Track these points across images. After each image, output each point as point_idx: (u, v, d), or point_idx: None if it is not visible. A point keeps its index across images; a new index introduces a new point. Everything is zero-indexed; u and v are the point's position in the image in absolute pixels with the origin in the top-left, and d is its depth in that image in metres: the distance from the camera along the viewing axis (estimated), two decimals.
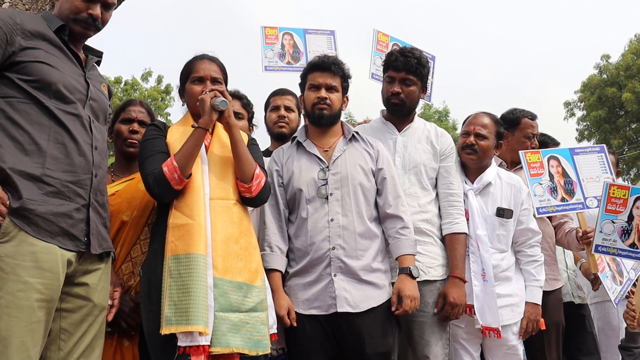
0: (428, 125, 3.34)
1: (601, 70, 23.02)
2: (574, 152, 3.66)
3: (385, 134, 3.25)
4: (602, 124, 22.41)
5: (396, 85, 3.17)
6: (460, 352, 3.13)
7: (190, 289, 2.30)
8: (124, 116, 3.01)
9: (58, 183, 2.10)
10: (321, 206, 2.87)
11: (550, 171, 3.56)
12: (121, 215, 2.73)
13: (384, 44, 4.26)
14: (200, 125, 2.52)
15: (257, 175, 2.61)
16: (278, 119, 3.67)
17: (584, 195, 3.55)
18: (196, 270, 2.33)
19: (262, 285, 2.54)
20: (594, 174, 3.61)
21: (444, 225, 3.15)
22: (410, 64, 3.14)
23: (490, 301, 3.09)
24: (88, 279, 2.23)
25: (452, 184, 3.19)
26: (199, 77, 2.69)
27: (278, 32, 4.36)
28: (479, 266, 3.13)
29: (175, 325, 2.28)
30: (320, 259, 2.82)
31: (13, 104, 2.10)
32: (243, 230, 2.55)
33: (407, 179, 3.13)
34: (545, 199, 3.49)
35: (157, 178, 2.42)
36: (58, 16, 2.31)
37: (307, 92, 3.02)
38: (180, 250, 2.37)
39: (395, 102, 3.19)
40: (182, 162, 2.43)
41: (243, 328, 2.40)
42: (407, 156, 3.17)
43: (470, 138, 3.32)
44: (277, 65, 4.27)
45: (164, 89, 22.74)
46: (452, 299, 2.97)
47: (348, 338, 2.77)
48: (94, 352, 2.24)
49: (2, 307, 1.94)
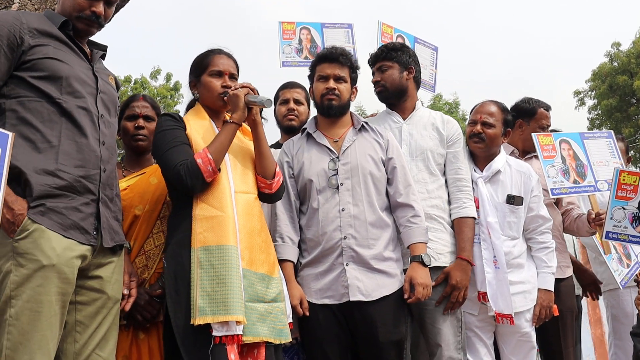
0: (434, 113, 3.36)
1: (612, 58, 22.80)
2: (584, 137, 3.69)
3: (390, 123, 3.27)
4: (613, 112, 22.22)
5: (375, 75, 3.32)
6: (473, 340, 3.12)
7: (225, 280, 2.33)
8: (128, 113, 3.01)
9: (70, 178, 2.13)
10: (332, 196, 2.89)
11: (562, 154, 3.58)
12: (133, 210, 2.75)
13: (388, 36, 4.26)
14: (234, 121, 2.56)
15: (278, 173, 2.70)
16: (287, 112, 3.69)
17: (594, 178, 3.57)
18: (230, 261, 2.36)
19: (279, 277, 2.60)
20: (603, 159, 3.64)
21: (452, 209, 3.15)
22: (380, 53, 3.32)
23: (502, 288, 3.09)
24: (102, 272, 2.25)
25: (460, 169, 3.20)
26: (218, 71, 2.69)
27: (295, 26, 4.37)
28: (491, 253, 3.13)
29: (211, 315, 2.29)
30: (332, 249, 2.84)
31: (24, 103, 2.13)
32: (262, 224, 2.61)
33: (414, 166, 3.14)
34: (559, 180, 3.51)
35: (190, 169, 2.42)
36: (61, 13, 2.33)
37: (316, 84, 3.04)
38: (210, 241, 2.39)
39: (379, 91, 3.32)
40: (216, 155, 2.46)
41: (268, 317, 2.45)
42: (413, 143, 3.19)
43: (477, 126, 3.32)
44: (294, 61, 4.28)
45: (173, 86, 22.77)
46: (454, 281, 2.97)
47: (361, 327, 2.79)
48: (108, 344, 2.27)
49: (23, 301, 1.97)
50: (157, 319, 2.70)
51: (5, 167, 1.86)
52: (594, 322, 5.68)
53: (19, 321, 1.96)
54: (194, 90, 2.79)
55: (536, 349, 3.26)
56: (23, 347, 1.96)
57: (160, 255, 2.75)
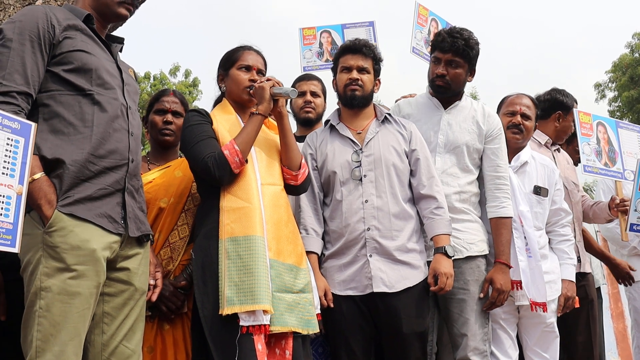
0: (475, 104, 3.25)
1: (632, 49, 22.49)
2: (619, 125, 3.78)
3: (430, 110, 3.20)
4: (634, 104, 21.86)
5: (442, 67, 3.09)
6: (499, 332, 3.11)
7: (252, 269, 2.36)
8: (157, 107, 3.05)
9: (99, 169, 2.14)
10: (355, 188, 2.89)
11: (598, 136, 3.64)
12: (158, 202, 2.78)
13: (424, 18, 4.25)
14: (260, 112, 2.58)
15: (304, 165, 2.71)
16: (304, 104, 3.71)
17: (623, 166, 3.59)
18: (256, 251, 2.39)
19: (307, 268, 2.63)
20: (633, 150, 3.69)
21: (490, 208, 3.09)
22: (457, 45, 3.03)
23: (536, 276, 3.09)
24: (129, 263, 2.27)
25: (499, 166, 3.11)
26: (246, 66, 2.73)
27: (316, 31, 4.42)
28: (523, 242, 3.13)
29: (238, 305, 2.32)
30: (355, 240, 2.84)
31: (55, 97, 2.13)
32: (289, 215, 2.64)
33: (448, 159, 3.09)
34: (592, 159, 3.57)
35: (218, 161, 2.46)
36: (92, 2, 2.34)
37: (340, 75, 3.03)
38: (237, 232, 2.42)
39: (439, 84, 3.12)
40: (243, 147, 2.49)
41: (296, 308, 2.47)
42: (450, 135, 3.11)
43: (517, 118, 3.34)
44: (315, 65, 4.33)
45: (192, 82, 22.88)
46: (499, 285, 2.93)
47: (384, 318, 2.79)
48: (135, 335, 2.28)
49: (54, 294, 1.98)
50: (182, 311, 2.73)
51: (28, 157, 1.89)
52: (616, 316, 5.66)
53: (49, 312, 1.97)
54: (222, 84, 2.83)
55: (559, 337, 3.26)
56: (54, 338, 1.97)
57: (184, 247, 2.79)
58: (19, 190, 1.85)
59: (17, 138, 1.87)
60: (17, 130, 1.88)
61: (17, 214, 1.83)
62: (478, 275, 2.99)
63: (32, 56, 2.09)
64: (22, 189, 1.85)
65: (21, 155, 1.87)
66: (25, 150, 1.89)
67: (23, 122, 1.91)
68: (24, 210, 1.86)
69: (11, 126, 1.86)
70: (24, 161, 1.87)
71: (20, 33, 2.09)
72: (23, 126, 1.90)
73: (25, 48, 2.08)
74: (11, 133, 1.86)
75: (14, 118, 1.89)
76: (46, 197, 2.02)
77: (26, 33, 2.10)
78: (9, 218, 1.81)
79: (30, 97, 2.09)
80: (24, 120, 1.92)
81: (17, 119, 1.89)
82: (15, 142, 1.86)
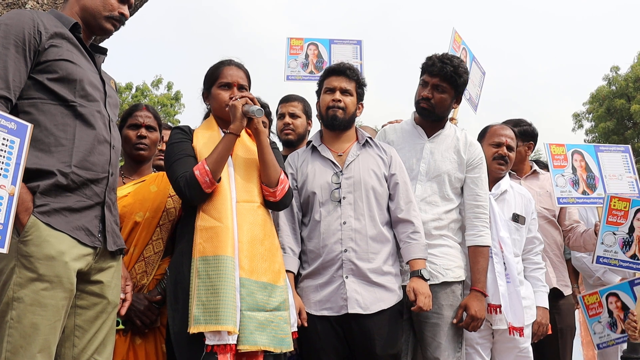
0: (459, 132, 3.26)
1: (610, 81, 22.97)
2: (599, 149, 3.76)
3: (413, 138, 3.24)
4: (610, 135, 22.30)
5: (428, 90, 3.13)
6: (474, 357, 3.14)
7: (219, 290, 2.36)
8: (131, 122, 3.02)
9: (80, 180, 2.12)
10: (334, 209, 2.90)
11: (574, 164, 3.66)
12: (134, 216, 2.77)
13: (457, 44, 4.28)
14: (232, 131, 2.58)
15: (282, 180, 2.68)
16: (284, 127, 3.83)
17: (605, 191, 3.60)
18: (224, 271, 2.39)
19: (284, 285, 2.60)
20: (616, 172, 3.69)
21: (468, 236, 3.13)
22: (445, 70, 3.08)
23: (514, 301, 3.13)
24: (102, 276, 2.24)
25: (479, 195, 3.14)
26: (226, 83, 2.73)
27: (303, 42, 4.44)
28: (502, 267, 3.16)
29: (204, 325, 2.33)
30: (332, 261, 2.85)
31: (38, 105, 2.10)
32: (267, 232, 2.61)
33: (428, 187, 3.12)
34: (567, 190, 3.58)
35: (189, 181, 2.47)
36: (80, 12, 2.31)
37: (323, 96, 3.06)
38: (208, 251, 2.43)
39: (424, 107, 3.16)
40: (213, 167, 2.49)
41: (268, 327, 2.46)
42: (432, 163, 3.14)
43: (503, 149, 3.43)
44: (299, 75, 4.34)
45: (174, 95, 22.83)
46: (473, 311, 2.96)
47: (358, 339, 2.79)
48: (106, 349, 2.25)
49: (26, 304, 1.95)
50: (155, 325, 2.72)
51: (23, 158, 1.88)
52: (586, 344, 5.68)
53: (20, 324, 1.93)
54: (207, 102, 2.84)
55: None
56: (24, 350, 1.93)
57: (158, 262, 2.79)
58: (12, 190, 1.83)
59: (13, 138, 1.87)
60: (14, 130, 1.87)
61: (7, 214, 1.81)
62: (453, 300, 3.01)
63: (15, 61, 2.05)
64: (15, 190, 1.84)
65: (16, 156, 1.86)
66: (21, 151, 1.88)
67: (19, 122, 1.90)
68: (15, 211, 1.84)
69: (7, 126, 1.86)
70: (18, 162, 1.86)
71: (5, 37, 2.06)
72: (19, 127, 1.89)
73: (9, 52, 2.05)
74: (7, 133, 1.85)
75: (11, 118, 1.87)
76: (23, 205, 1.98)
77: (11, 37, 2.06)
78: (0, 218, 1.79)
79: (10, 102, 2.04)
80: (21, 121, 1.91)
81: (14, 119, 1.88)
82: (10, 143, 1.86)
